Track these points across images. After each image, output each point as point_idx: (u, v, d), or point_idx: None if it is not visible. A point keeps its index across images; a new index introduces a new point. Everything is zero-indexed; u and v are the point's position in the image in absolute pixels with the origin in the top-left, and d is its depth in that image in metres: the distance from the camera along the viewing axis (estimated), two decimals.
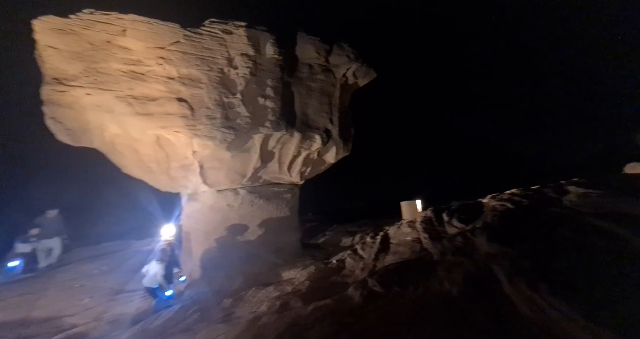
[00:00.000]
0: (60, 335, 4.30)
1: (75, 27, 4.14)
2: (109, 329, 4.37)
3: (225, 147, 5.28)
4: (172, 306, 4.51)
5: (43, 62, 4.35)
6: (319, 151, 6.21)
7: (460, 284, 2.86)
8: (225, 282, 5.12)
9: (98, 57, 4.27)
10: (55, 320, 4.77)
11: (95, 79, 4.28)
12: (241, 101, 5.00)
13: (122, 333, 4.06)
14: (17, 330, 4.48)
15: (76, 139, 4.86)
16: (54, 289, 5.81)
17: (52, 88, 4.33)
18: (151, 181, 5.78)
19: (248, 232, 6.02)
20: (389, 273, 3.92)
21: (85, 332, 4.34)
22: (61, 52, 4.18)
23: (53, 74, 4.31)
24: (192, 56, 4.56)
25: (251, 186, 6.29)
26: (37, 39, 4.20)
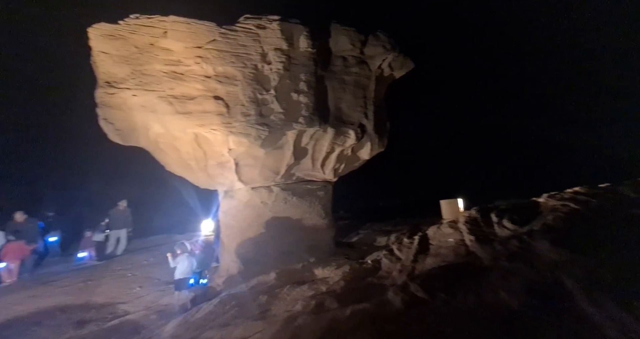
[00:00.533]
0: (115, 321, 4.66)
1: (123, 32, 4.40)
2: (156, 318, 4.63)
3: (260, 144, 5.30)
4: (206, 298, 4.69)
5: (97, 67, 4.69)
6: (353, 147, 6.00)
7: (522, 296, 2.49)
8: (261, 278, 5.16)
9: (143, 59, 4.50)
10: (111, 306, 5.20)
11: (140, 81, 4.52)
12: (275, 97, 4.97)
13: (167, 322, 4.25)
14: (80, 314, 4.95)
15: (125, 138, 5.20)
16: (110, 277, 6.37)
17: (104, 91, 4.66)
18: (191, 178, 6.02)
19: (282, 229, 6.02)
20: (433, 277, 3.61)
21: (135, 320, 4.65)
22: (111, 57, 4.47)
23: (105, 78, 4.64)
24: (228, 54, 4.61)
25: (284, 183, 6.28)
26: (92, 46, 4.54)
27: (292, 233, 6.03)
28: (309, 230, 6.17)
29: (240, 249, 5.86)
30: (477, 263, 3.57)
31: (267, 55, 4.85)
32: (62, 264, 7.62)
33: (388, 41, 5.64)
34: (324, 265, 5.41)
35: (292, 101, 5.11)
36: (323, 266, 5.35)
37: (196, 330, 3.63)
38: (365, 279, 4.64)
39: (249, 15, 4.73)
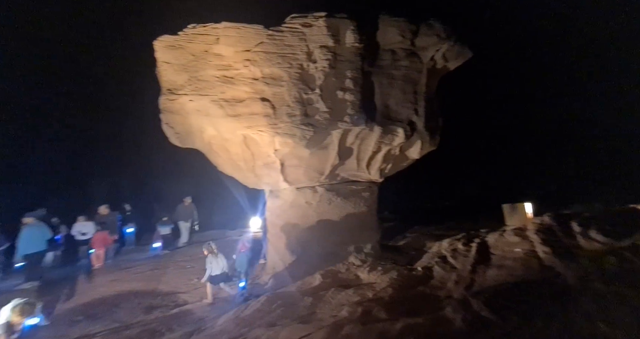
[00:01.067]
0: (175, 310, 5.11)
1: (181, 42, 4.75)
2: (210, 310, 4.94)
3: (304, 144, 5.28)
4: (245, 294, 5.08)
5: (160, 76, 5.15)
6: (402, 146, 5.64)
7: (634, 331, 2.00)
8: (306, 279, 5.15)
9: (198, 66, 4.79)
10: (173, 295, 5.72)
11: (196, 86, 4.82)
12: (320, 96, 4.89)
13: (219, 315, 4.48)
14: (149, 300, 5.54)
15: (183, 141, 5.62)
16: (173, 267, 7.03)
17: (166, 98, 5.10)
18: (240, 178, 6.28)
19: (326, 230, 5.94)
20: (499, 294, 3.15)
21: (192, 310, 5.03)
22: (172, 66, 4.86)
23: (167, 86, 5.07)
24: (274, 55, 4.66)
25: (329, 183, 6.19)
26: (157, 57, 4.98)
27: (337, 234, 5.92)
28: (353, 232, 6.00)
29: (285, 248, 5.95)
30: (559, 282, 3.02)
31: (313, 53, 4.79)
32: (136, 253, 8.64)
33: (443, 30, 5.15)
34: (369, 269, 5.18)
35: (337, 99, 4.97)
36: (369, 270, 5.13)
37: (245, 327, 3.73)
38: (415, 288, 4.31)
39: (296, 14, 4.73)
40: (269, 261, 6.38)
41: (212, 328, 4.02)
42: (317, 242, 5.87)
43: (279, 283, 5.27)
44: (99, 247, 7.35)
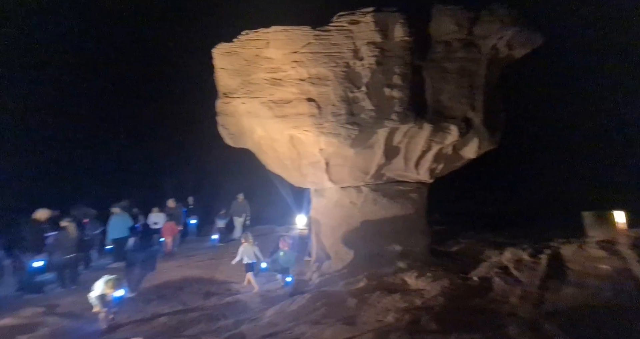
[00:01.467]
0: (229, 298, 5.51)
1: (236, 48, 5.09)
2: (259, 302, 5.21)
3: (349, 143, 5.22)
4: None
5: (217, 81, 5.59)
6: (455, 144, 5.20)
7: None
8: (350, 279, 5.10)
9: (250, 70, 5.08)
10: (227, 284, 6.20)
11: (248, 89, 5.11)
12: (366, 94, 4.78)
13: (267, 307, 4.70)
14: (207, 286, 6.09)
15: (236, 141, 6.03)
16: (227, 258, 7.58)
17: (221, 101, 5.52)
18: (287, 176, 6.50)
19: (371, 231, 5.80)
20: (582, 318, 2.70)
21: (244, 300, 5.37)
22: (227, 71, 5.24)
23: (222, 90, 5.48)
24: (321, 55, 4.70)
25: (374, 183, 6.02)
26: (215, 64, 5.42)
27: (382, 236, 5.73)
28: (400, 234, 5.75)
29: (330, 247, 5.97)
30: None
31: (360, 50, 4.70)
32: (197, 243, 9.59)
33: (508, 14, 4.59)
34: (417, 274, 4.91)
35: (384, 96, 4.80)
36: (417, 276, 4.86)
37: (291, 322, 3.84)
38: (471, 299, 3.94)
39: (343, 12, 4.70)
40: (314, 258, 6.48)
41: (261, 319, 4.23)
42: (362, 244, 5.77)
43: (323, 281, 5.31)
44: (168, 236, 8.32)
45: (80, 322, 4.69)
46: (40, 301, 5.37)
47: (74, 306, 5.18)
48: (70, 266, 6.16)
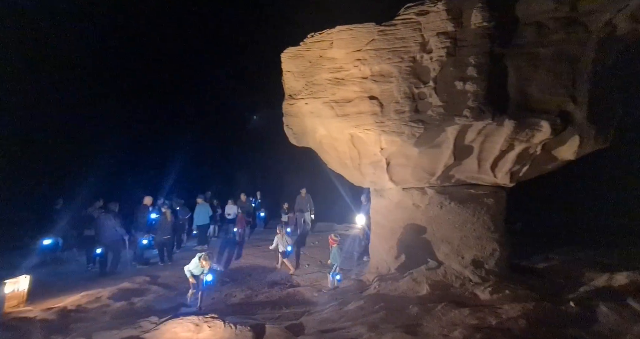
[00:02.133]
0: (290, 289, 5.87)
1: (301, 51, 5.31)
2: (317, 297, 5.40)
3: (413, 142, 4.93)
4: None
5: (284, 84, 5.94)
6: (547, 143, 4.40)
7: None
8: (410, 285, 4.85)
9: (314, 71, 5.24)
10: (289, 275, 6.60)
11: (311, 90, 5.29)
12: (433, 89, 4.42)
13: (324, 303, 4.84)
14: (271, 276, 6.61)
15: (299, 140, 6.31)
16: None
17: (287, 103, 5.85)
18: (347, 175, 6.52)
19: (436, 236, 5.39)
20: None
21: (303, 293, 5.64)
22: (293, 74, 5.51)
23: (288, 92, 5.80)
24: (384, 51, 4.53)
25: (440, 185, 5.57)
26: (282, 67, 5.77)
27: (449, 243, 5.27)
28: (470, 242, 5.18)
29: (390, 250, 5.78)
30: None
31: (428, 43, 4.37)
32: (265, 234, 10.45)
33: None
34: (492, 290, 4.37)
35: (455, 91, 4.36)
36: (491, 291, 4.33)
37: (348, 321, 3.87)
38: (564, 329, 3.33)
39: (410, 4, 4.43)
40: (372, 260, 6.37)
41: (319, 314, 4.38)
42: (425, 249, 5.41)
43: (382, 284, 5.18)
44: (240, 226, 9.30)
45: (175, 292, 5.64)
46: (147, 271, 6.65)
47: (170, 279, 6.26)
48: (167, 245, 7.45)
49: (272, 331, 3.82)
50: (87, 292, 5.18)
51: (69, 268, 6.94)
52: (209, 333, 3.70)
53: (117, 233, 6.63)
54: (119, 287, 5.45)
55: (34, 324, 3.98)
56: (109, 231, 6.53)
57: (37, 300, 4.83)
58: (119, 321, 4.16)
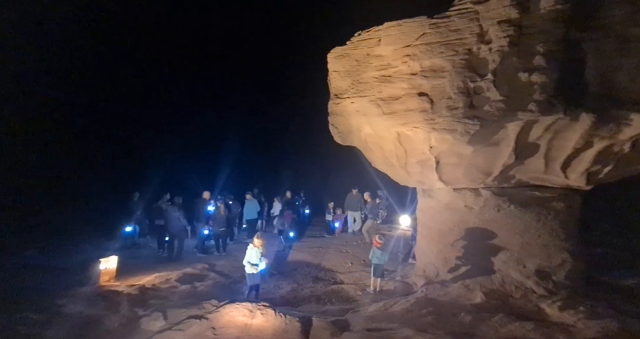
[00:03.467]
0: (334, 286, 5.98)
1: (348, 50, 5.32)
2: (361, 296, 5.42)
3: (467, 140, 4.62)
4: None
5: (330, 84, 6.03)
6: (639, 139, 3.76)
7: None
8: (462, 292, 4.59)
9: (360, 70, 5.22)
10: (332, 273, 6.73)
11: (357, 89, 5.28)
12: (492, 82, 4.07)
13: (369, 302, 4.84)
14: (316, 272, 6.80)
15: (344, 139, 6.35)
16: (333, 249, 8.23)
17: (333, 102, 5.92)
18: (392, 174, 6.38)
19: (492, 241, 4.99)
20: None
21: (347, 291, 5.70)
22: (339, 73, 5.56)
23: (334, 92, 5.87)
24: (436, 45, 4.31)
25: (498, 187, 5.13)
26: (329, 67, 5.85)
27: (508, 249, 4.84)
28: (534, 251, 4.69)
29: (438, 253, 5.52)
30: None
31: (487, 33, 4.03)
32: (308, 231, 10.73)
33: None
34: (562, 305, 3.91)
35: (518, 83, 3.96)
36: (561, 306, 3.88)
37: (394, 322, 3.82)
38: None
39: None
40: (418, 262, 6.15)
41: (364, 313, 4.40)
42: (479, 254, 5.04)
43: (429, 288, 4.99)
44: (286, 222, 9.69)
45: (229, 280, 6.17)
46: (206, 259, 7.36)
47: (225, 267, 6.85)
48: (222, 236, 8.14)
49: (319, 325, 3.95)
50: (159, 274, 5.96)
51: (143, 252, 8.04)
52: (261, 319, 3.99)
53: (181, 223, 7.47)
54: (184, 272, 6.15)
55: (121, 297, 4.75)
56: (175, 222, 7.38)
57: (122, 277, 5.72)
58: (185, 301, 4.72)
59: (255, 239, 5.17)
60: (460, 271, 5.15)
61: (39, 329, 3.78)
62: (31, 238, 7.91)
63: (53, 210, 9.99)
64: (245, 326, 3.92)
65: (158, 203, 8.25)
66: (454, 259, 5.32)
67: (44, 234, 8.38)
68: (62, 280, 5.41)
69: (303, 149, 16.07)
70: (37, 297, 4.61)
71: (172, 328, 3.92)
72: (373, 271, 5.58)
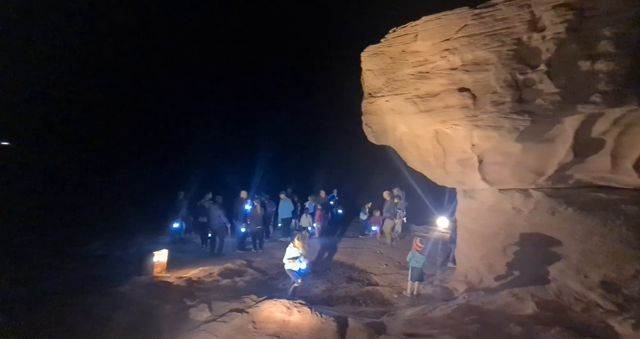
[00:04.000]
0: (368, 287, 5.90)
1: (382, 48, 5.20)
2: (397, 299, 5.28)
3: (515, 137, 4.27)
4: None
5: (364, 83, 5.94)
6: None
7: None
8: (510, 301, 4.25)
9: (395, 67, 5.08)
10: (367, 273, 6.65)
11: (392, 87, 5.14)
12: (546, 73, 3.70)
13: (407, 307, 4.69)
14: (350, 272, 6.77)
15: (378, 138, 6.23)
16: (366, 249, 8.13)
17: (366, 101, 5.83)
18: (429, 174, 6.11)
19: (545, 247, 4.56)
20: None
21: (382, 293, 5.59)
22: (373, 72, 5.46)
23: (368, 91, 5.78)
24: (480, 36, 4.03)
25: (552, 187, 4.68)
26: (362, 66, 5.77)
27: (565, 257, 4.39)
28: (599, 260, 4.19)
29: (481, 258, 5.18)
30: None
31: (539, 20, 3.67)
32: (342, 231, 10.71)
33: None
34: (636, 322, 3.44)
35: (578, 73, 3.55)
36: (635, 324, 3.42)
37: (434, 329, 3.66)
38: None
39: None
40: (459, 267, 5.83)
41: (401, 316, 4.28)
42: (530, 261, 4.64)
43: (472, 294, 4.70)
44: (319, 221, 9.80)
45: (266, 276, 6.40)
46: (244, 256, 7.71)
47: (262, 264, 7.12)
48: (259, 234, 8.46)
49: (355, 326, 3.93)
50: (203, 268, 6.39)
51: (188, 247, 8.66)
52: (298, 316, 4.08)
53: (222, 221, 7.91)
54: (225, 267, 6.52)
55: (172, 287, 5.18)
56: (216, 219, 7.84)
57: (171, 269, 6.24)
58: (227, 294, 5.00)
59: (296, 240, 5.21)
60: (508, 278, 4.78)
61: (109, 312, 4.29)
62: (96, 233, 8.97)
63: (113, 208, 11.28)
64: (283, 322, 4.04)
65: (201, 202, 8.83)
66: (499, 264, 4.96)
67: (107, 229, 9.46)
68: (123, 269, 6.06)
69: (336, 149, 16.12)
70: (104, 283, 5.24)
71: (217, 319, 4.18)
72: (410, 275, 5.38)
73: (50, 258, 6.70)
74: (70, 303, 4.49)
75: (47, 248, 7.42)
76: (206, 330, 3.98)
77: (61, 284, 5.18)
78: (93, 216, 10.51)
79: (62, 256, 6.89)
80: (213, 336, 3.84)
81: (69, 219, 10.02)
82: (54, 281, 5.33)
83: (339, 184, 12.21)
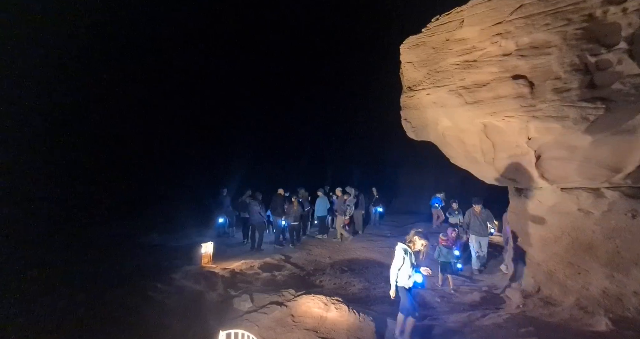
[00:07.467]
0: None
1: (423, 38, 4.91)
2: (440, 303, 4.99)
3: (583, 129, 3.74)
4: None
5: (402, 76, 5.68)
6: None
7: None
8: (576, 314, 3.76)
9: (437, 58, 4.76)
10: None
11: (434, 79, 4.83)
12: (626, 52, 3.15)
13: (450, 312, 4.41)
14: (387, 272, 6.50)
15: (418, 134, 5.93)
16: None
17: (405, 95, 5.57)
18: (475, 171, 5.67)
19: (622, 255, 3.95)
20: None
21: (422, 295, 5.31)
22: (413, 64, 5.18)
23: (407, 84, 5.51)
24: (540, 16, 3.58)
25: (632, 186, 4.02)
26: (401, 59, 5.52)
27: None
28: None
29: (539, 264, 4.66)
30: None
31: None
32: (379, 229, 10.51)
33: None
34: None
35: None
36: None
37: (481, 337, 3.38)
38: None
39: None
40: (512, 273, 5.31)
41: (444, 321, 4.05)
42: (600, 271, 4.05)
43: (528, 304, 4.25)
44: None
45: (304, 272, 6.52)
46: (282, 251, 7.96)
47: (299, 260, 7.28)
48: (296, 230, 8.66)
49: (394, 328, 3.81)
50: (245, 261, 6.73)
51: (231, 241, 9.21)
52: (336, 313, 4.08)
53: (261, 217, 8.25)
54: (264, 261, 6.79)
55: (217, 278, 5.56)
56: (256, 215, 8.20)
57: (216, 261, 6.69)
58: (267, 287, 5.20)
59: (417, 239, 3.59)
60: (573, 289, 4.23)
61: (163, 298, 4.75)
62: (153, 224, 9.99)
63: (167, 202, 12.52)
64: (321, 318, 4.07)
65: (242, 198, 9.30)
66: (562, 273, 4.41)
67: (162, 221, 10.49)
68: (174, 258, 6.67)
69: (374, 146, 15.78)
70: (159, 270, 5.81)
71: (258, 310, 4.37)
72: (441, 269, 5.57)
73: (118, 245, 7.68)
74: (136, 285, 5.08)
75: (116, 236, 8.48)
76: (249, 320, 4.19)
77: (128, 269, 5.88)
78: (151, 211, 11.74)
79: (127, 244, 7.83)
80: (255, 326, 4.02)
81: (133, 213, 11.34)
82: (126, 266, 6.11)
83: (380, 182, 11.91)
